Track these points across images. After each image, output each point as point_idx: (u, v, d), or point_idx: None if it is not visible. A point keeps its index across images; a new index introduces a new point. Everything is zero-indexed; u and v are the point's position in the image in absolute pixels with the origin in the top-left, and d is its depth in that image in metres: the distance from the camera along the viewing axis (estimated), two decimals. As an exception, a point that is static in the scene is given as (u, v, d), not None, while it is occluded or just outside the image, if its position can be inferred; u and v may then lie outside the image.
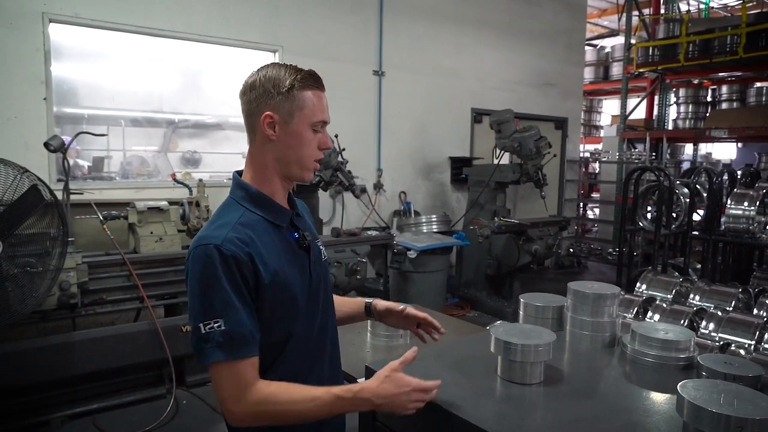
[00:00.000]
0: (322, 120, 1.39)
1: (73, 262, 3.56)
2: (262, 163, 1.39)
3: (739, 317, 3.00)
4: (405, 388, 1.27)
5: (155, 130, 7.48)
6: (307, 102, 1.35)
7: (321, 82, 1.40)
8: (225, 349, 1.22)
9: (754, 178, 5.41)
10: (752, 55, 7.71)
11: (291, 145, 1.36)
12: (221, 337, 1.22)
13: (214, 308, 1.23)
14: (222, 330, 1.22)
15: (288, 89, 1.33)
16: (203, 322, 1.23)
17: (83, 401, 3.72)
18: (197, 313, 1.25)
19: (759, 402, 1.07)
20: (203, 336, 1.23)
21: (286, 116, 1.34)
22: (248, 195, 1.38)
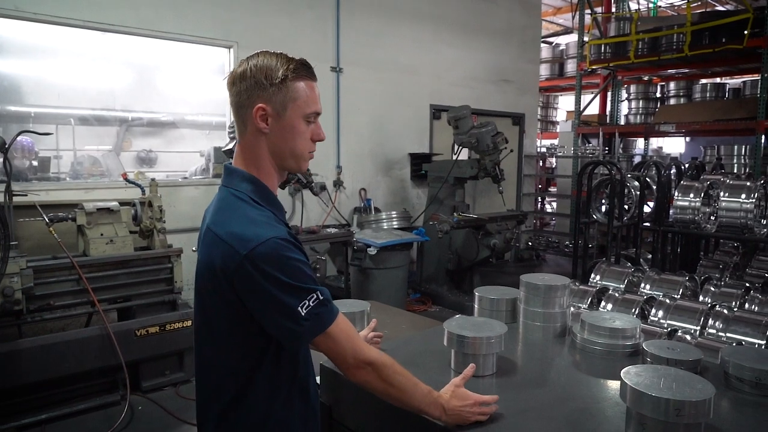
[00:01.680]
0: (316, 111, 1.36)
1: (17, 266, 3.40)
2: (257, 157, 1.35)
3: (686, 304, 3.13)
4: (467, 401, 1.36)
5: (108, 128, 7.24)
6: (301, 93, 1.32)
7: (313, 71, 1.37)
8: (329, 315, 1.27)
9: (700, 171, 5.63)
10: (697, 53, 8.01)
11: (285, 138, 1.33)
12: (322, 307, 1.25)
13: (302, 288, 1.23)
14: (319, 300, 1.24)
15: (281, 80, 1.29)
16: (300, 305, 1.22)
17: (32, 411, 3.57)
18: (290, 299, 1.22)
19: (696, 385, 1.11)
20: (305, 317, 1.23)
21: (279, 108, 1.30)
22: (257, 190, 1.34)
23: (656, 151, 14.01)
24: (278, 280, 1.21)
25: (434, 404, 1.35)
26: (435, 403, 1.35)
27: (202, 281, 1.31)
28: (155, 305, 4.15)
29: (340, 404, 1.62)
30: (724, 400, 1.34)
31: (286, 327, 1.24)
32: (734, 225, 4.23)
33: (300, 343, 1.30)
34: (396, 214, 6.79)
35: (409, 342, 1.84)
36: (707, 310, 3.00)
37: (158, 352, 4.01)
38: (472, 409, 1.35)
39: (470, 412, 1.35)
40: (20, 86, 6.15)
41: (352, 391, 1.54)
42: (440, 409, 1.34)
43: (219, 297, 1.27)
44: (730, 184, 4.32)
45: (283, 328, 1.24)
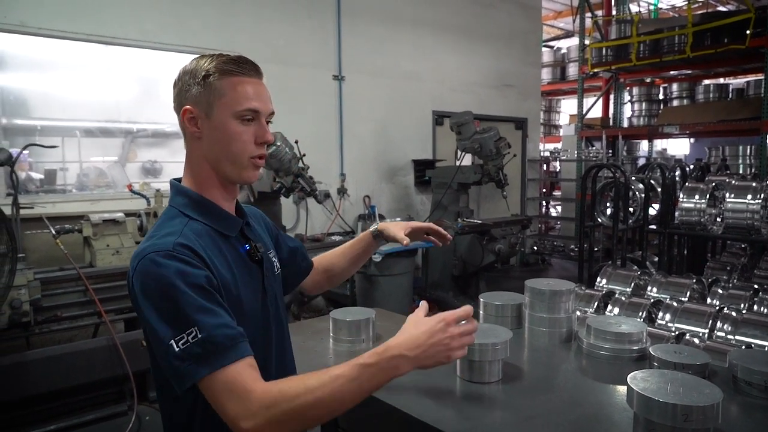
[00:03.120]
0: (249, 108, 1.19)
1: (25, 279, 3.43)
2: (196, 166, 1.25)
3: (694, 307, 3.11)
4: (438, 326, 1.08)
5: (113, 140, 7.29)
6: (227, 89, 1.18)
7: (248, 67, 1.22)
8: (209, 360, 1.02)
9: (704, 172, 5.61)
10: (699, 54, 8.00)
11: (217, 140, 1.20)
12: (200, 348, 1.02)
13: (181, 319, 1.03)
14: (199, 338, 1.01)
15: (203, 78, 1.19)
16: (174, 338, 1.02)
17: (40, 423, 3.58)
18: (164, 332, 1.03)
19: (704, 389, 1.10)
20: (178, 355, 1.02)
21: (206, 108, 1.19)
22: (190, 201, 1.23)
23: (660, 153, 13.97)
24: (151, 305, 1.05)
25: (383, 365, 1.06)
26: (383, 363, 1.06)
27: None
28: (161, 315, 4.16)
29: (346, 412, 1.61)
30: (733, 404, 1.33)
31: (163, 362, 1.06)
32: (741, 226, 4.21)
33: (179, 386, 1.04)
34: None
35: (415, 349, 1.83)
36: (715, 312, 2.99)
37: (165, 363, 4.02)
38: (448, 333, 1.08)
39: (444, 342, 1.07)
40: (26, 100, 6.20)
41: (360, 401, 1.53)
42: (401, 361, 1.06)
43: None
44: (736, 185, 4.31)
45: (162, 363, 1.06)
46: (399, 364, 1.07)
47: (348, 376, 1.05)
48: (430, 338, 1.08)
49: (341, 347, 2.25)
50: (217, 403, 1.03)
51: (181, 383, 1.04)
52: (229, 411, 1.01)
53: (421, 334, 1.08)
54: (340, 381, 1.04)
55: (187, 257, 1.09)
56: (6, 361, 3.44)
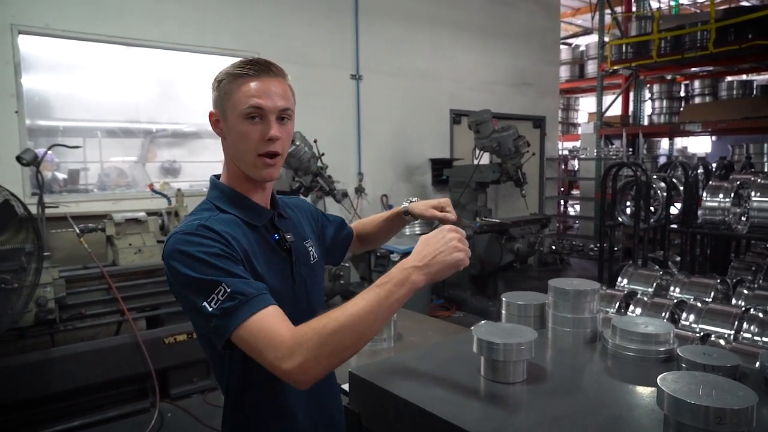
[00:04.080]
0: (251, 106, 1.23)
1: (50, 277, 3.49)
2: (228, 163, 1.36)
3: (718, 308, 3.05)
4: (438, 236, 1.17)
5: (133, 140, 7.39)
6: (234, 92, 1.25)
7: (256, 67, 1.26)
8: (240, 311, 1.09)
9: (728, 170, 5.51)
10: (722, 50, 7.86)
11: (233, 141, 1.29)
12: (231, 300, 1.10)
13: (208, 281, 1.12)
14: (228, 293, 1.10)
15: (218, 83, 1.29)
16: (206, 300, 1.11)
17: (64, 419, 3.65)
18: (196, 297, 1.12)
19: (737, 392, 1.08)
20: (213, 313, 1.10)
21: (222, 112, 1.29)
22: (222, 194, 1.33)
23: (681, 151, 13.75)
24: (182, 276, 1.15)
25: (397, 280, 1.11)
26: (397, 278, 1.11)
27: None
28: (182, 313, 4.19)
29: (370, 411, 1.62)
30: (766, 407, 1.30)
31: (202, 326, 1.17)
32: (766, 225, 4.12)
33: (218, 341, 1.13)
34: (418, 220, 6.78)
35: (437, 348, 1.83)
36: (741, 313, 2.93)
37: (186, 360, 4.07)
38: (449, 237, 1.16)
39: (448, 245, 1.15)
40: (49, 101, 6.32)
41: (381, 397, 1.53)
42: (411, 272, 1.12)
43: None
44: (762, 183, 4.21)
45: (203, 329, 1.18)
46: (410, 274, 1.12)
47: (366, 297, 1.10)
48: (435, 246, 1.15)
49: (362, 346, 2.26)
50: (255, 351, 1.09)
51: (220, 338, 1.11)
52: (268, 356, 1.07)
53: (423, 245, 1.16)
54: (360, 303, 1.09)
55: (208, 235, 1.18)
56: (32, 358, 3.51)
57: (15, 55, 4.61)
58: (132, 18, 5.19)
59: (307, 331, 1.07)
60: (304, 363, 1.05)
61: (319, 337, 1.06)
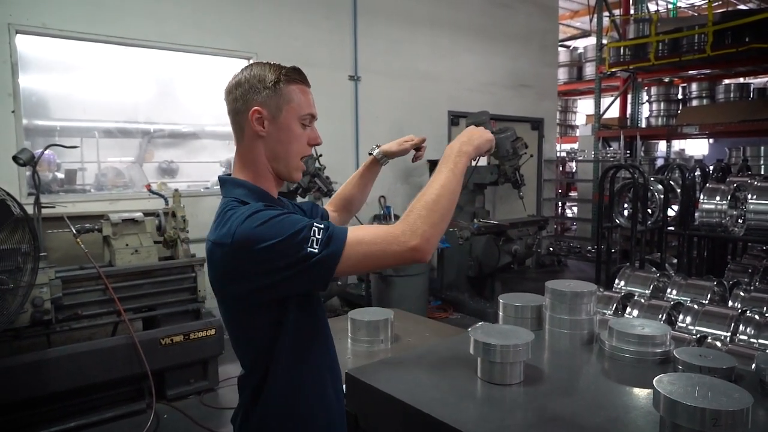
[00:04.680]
0: (310, 113, 1.37)
1: (46, 277, 3.47)
2: (254, 162, 1.36)
3: (715, 310, 3.06)
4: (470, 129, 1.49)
5: (130, 140, 7.38)
6: (294, 95, 1.34)
7: (305, 77, 1.39)
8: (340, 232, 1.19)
9: (725, 173, 5.52)
10: (719, 53, 7.88)
11: (281, 140, 1.34)
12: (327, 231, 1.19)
13: (300, 232, 1.17)
14: (322, 227, 1.19)
15: (274, 83, 1.32)
16: (307, 246, 1.16)
17: (60, 420, 3.63)
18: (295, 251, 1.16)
19: (732, 393, 1.08)
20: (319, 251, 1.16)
21: (274, 110, 1.32)
22: (250, 192, 1.34)
23: (678, 153, 13.78)
24: (270, 244, 1.16)
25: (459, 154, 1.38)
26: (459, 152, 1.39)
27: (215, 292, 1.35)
28: (179, 314, 4.20)
29: (367, 412, 1.62)
30: (761, 409, 1.31)
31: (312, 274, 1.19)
32: (763, 228, 4.13)
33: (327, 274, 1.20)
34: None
35: (434, 350, 1.83)
36: (737, 315, 2.94)
37: (183, 361, 4.06)
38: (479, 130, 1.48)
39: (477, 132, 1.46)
40: (47, 101, 6.30)
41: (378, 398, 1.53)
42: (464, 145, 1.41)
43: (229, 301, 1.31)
44: (758, 186, 4.22)
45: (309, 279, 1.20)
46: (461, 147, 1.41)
47: (442, 170, 1.34)
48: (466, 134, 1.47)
49: (360, 347, 2.25)
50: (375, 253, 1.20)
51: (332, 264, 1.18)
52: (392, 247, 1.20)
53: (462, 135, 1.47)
54: (442, 176, 1.32)
55: (271, 206, 1.26)
56: (27, 359, 3.49)
57: (12, 55, 4.59)
58: (130, 18, 5.18)
59: (413, 211, 1.24)
60: (425, 233, 1.20)
61: (427, 209, 1.23)
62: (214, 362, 4.25)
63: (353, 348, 2.26)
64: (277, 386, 1.32)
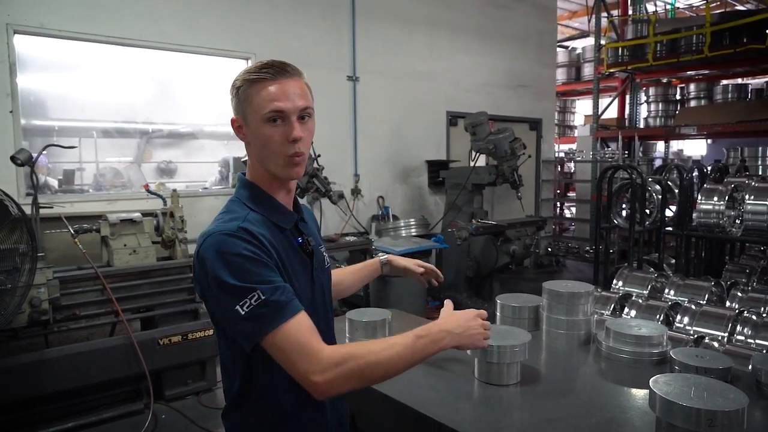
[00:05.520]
0: (273, 109, 1.25)
1: (44, 277, 3.46)
2: (253, 166, 1.37)
3: (712, 310, 3.06)
4: (473, 316, 1.36)
5: (129, 140, 7.37)
6: (253, 97, 1.27)
7: (271, 70, 1.27)
8: (274, 317, 1.15)
9: (723, 174, 5.53)
10: (717, 54, 7.90)
11: (258, 145, 1.31)
12: (264, 308, 1.14)
13: (244, 286, 1.15)
14: (262, 300, 1.14)
15: (236, 90, 1.30)
16: (239, 304, 1.14)
17: (58, 420, 3.62)
18: (228, 298, 1.16)
19: (728, 394, 1.08)
20: (244, 317, 1.14)
21: (243, 117, 1.30)
22: (252, 194, 1.35)
23: (676, 154, 13.80)
24: (217, 277, 1.17)
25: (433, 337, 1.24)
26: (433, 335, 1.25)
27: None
28: (177, 314, 4.20)
29: (364, 412, 1.62)
30: (757, 409, 1.31)
31: (231, 328, 1.20)
32: (761, 228, 4.14)
33: (247, 345, 1.19)
34: (414, 221, 6.78)
35: (432, 351, 1.83)
36: (735, 315, 2.94)
37: (181, 361, 4.05)
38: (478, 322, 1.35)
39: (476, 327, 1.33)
40: (45, 101, 6.29)
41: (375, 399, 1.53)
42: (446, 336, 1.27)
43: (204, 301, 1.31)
44: (756, 186, 4.23)
45: (230, 329, 1.21)
46: (445, 337, 1.28)
47: (404, 343, 1.22)
48: (468, 323, 1.34)
49: (357, 348, 2.25)
50: (286, 358, 1.16)
51: (250, 342, 1.17)
52: (300, 366, 1.14)
53: (462, 319, 1.34)
54: (398, 348, 1.20)
55: (248, 238, 1.22)
56: (25, 359, 3.48)
57: (10, 55, 4.59)
58: (128, 18, 5.18)
59: (344, 355, 1.16)
60: (332, 381, 1.14)
61: (356, 365, 1.15)
62: (212, 362, 4.24)
63: (351, 348, 2.26)
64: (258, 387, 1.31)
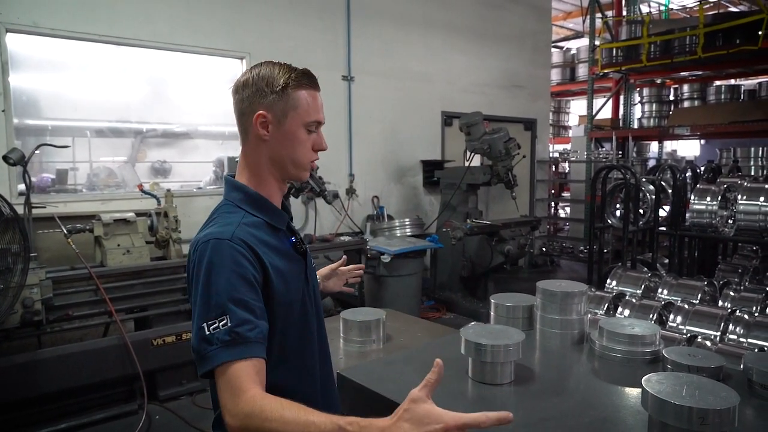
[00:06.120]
0: (317, 120, 1.34)
1: (37, 278, 3.45)
2: (256, 164, 1.35)
3: (705, 309, 3.09)
4: (432, 427, 0.92)
5: (122, 140, 7.33)
6: (302, 101, 1.31)
7: (316, 81, 1.36)
8: (230, 350, 1.11)
9: (716, 174, 5.56)
10: (710, 55, 7.94)
11: (285, 146, 1.32)
12: (227, 336, 1.12)
13: (219, 304, 1.14)
14: (227, 328, 1.12)
15: (282, 88, 1.29)
16: (207, 321, 1.13)
17: (51, 421, 3.61)
18: (201, 310, 1.15)
19: (719, 392, 1.09)
20: (207, 337, 1.13)
21: (279, 115, 1.30)
22: (246, 197, 1.34)
23: (670, 154, 13.87)
24: (201, 281, 1.18)
25: None
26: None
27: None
28: (171, 315, 4.18)
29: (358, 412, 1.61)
30: (748, 407, 1.32)
31: (192, 340, 1.16)
32: (753, 228, 4.17)
33: (200, 369, 1.14)
34: (409, 221, 6.79)
35: (425, 350, 1.83)
36: (727, 315, 2.96)
37: (175, 362, 4.04)
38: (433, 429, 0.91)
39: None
40: (38, 100, 6.25)
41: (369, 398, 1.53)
42: None
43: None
44: (748, 186, 4.26)
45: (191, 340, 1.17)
46: None
47: (320, 428, 0.98)
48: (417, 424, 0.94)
49: (351, 347, 2.25)
50: (220, 390, 1.11)
51: (204, 365, 1.13)
52: (226, 402, 1.09)
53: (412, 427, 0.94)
54: (312, 429, 0.98)
55: (240, 250, 1.20)
56: (18, 360, 3.47)
57: (2, 54, 4.56)
58: (122, 17, 5.15)
59: (256, 410, 1.04)
60: (237, 428, 1.06)
61: (261, 424, 1.02)
62: (207, 363, 4.23)
63: (345, 348, 2.26)
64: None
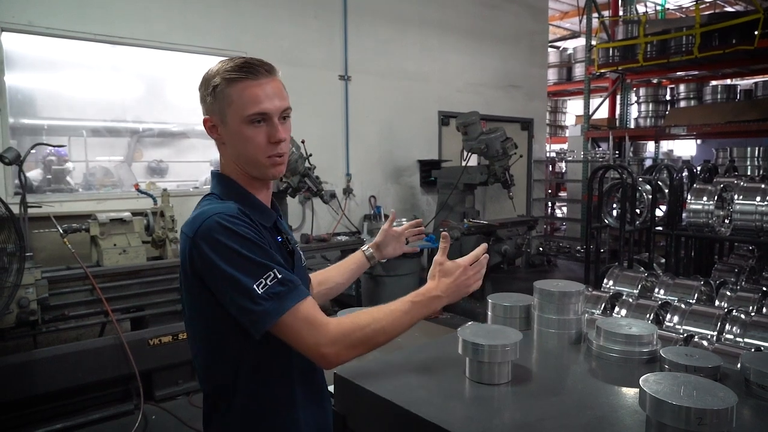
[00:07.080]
0: (257, 112, 1.23)
1: (32, 277, 3.44)
2: (228, 166, 1.34)
3: (702, 309, 3.09)
4: (458, 272, 1.37)
5: (119, 139, 7.32)
6: (234, 97, 1.23)
7: (258, 69, 1.25)
8: (291, 296, 1.17)
9: (712, 174, 5.57)
10: (706, 55, 7.97)
11: (236, 145, 1.27)
12: (282, 286, 1.16)
13: (258, 264, 1.16)
14: (278, 280, 1.16)
15: (213, 89, 1.25)
16: (256, 283, 1.14)
17: (47, 421, 3.59)
18: (244, 281, 1.14)
19: (717, 392, 1.09)
20: (261, 296, 1.14)
21: (220, 116, 1.26)
22: (231, 191, 1.31)
23: (667, 154, 13.91)
24: (229, 255, 1.15)
25: (426, 303, 1.33)
26: (426, 301, 1.33)
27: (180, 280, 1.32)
28: (168, 314, 4.17)
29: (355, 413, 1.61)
30: (746, 408, 1.32)
31: (244, 307, 1.16)
32: (749, 228, 4.18)
33: (261, 326, 1.17)
34: (406, 220, 6.77)
35: (423, 350, 1.83)
36: (724, 314, 2.96)
37: (171, 362, 4.03)
38: (467, 275, 1.38)
39: (465, 282, 1.38)
40: (34, 99, 6.24)
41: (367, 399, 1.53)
42: (438, 300, 1.35)
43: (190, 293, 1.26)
44: (745, 186, 4.27)
45: (241, 309, 1.17)
46: (437, 302, 1.36)
47: (402, 309, 1.30)
48: (455, 281, 1.38)
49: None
50: (296, 335, 1.19)
51: (268, 320, 1.16)
52: (309, 339, 1.18)
53: (450, 282, 1.37)
54: (397, 313, 1.29)
55: (247, 222, 1.22)
56: (13, 360, 3.46)
57: (-2, 53, 4.54)
58: (118, 16, 5.14)
59: (351, 326, 1.22)
60: (341, 351, 1.21)
61: (363, 334, 1.23)
62: (203, 363, 4.23)
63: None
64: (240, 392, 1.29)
